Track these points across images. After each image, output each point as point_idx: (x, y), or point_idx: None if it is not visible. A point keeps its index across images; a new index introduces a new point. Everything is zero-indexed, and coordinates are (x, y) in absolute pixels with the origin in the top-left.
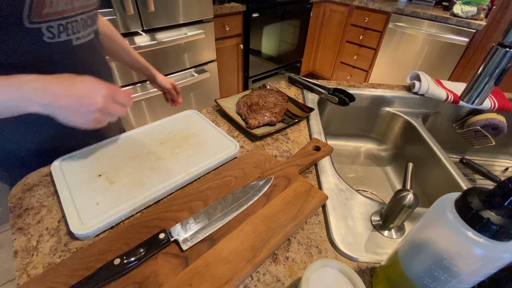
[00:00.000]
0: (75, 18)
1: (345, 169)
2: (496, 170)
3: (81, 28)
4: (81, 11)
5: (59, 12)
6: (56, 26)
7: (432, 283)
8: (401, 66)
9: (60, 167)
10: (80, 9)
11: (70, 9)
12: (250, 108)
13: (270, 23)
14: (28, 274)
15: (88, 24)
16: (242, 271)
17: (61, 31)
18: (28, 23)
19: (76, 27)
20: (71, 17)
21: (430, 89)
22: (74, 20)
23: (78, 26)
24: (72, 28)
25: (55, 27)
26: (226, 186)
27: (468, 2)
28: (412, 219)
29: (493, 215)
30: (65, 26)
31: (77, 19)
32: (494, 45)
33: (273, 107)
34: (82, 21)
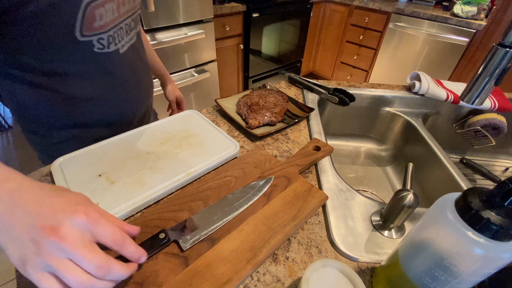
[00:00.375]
0: (120, 25)
1: (345, 169)
2: (496, 170)
3: (124, 35)
4: (126, 16)
5: (108, 23)
6: (106, 38)
7: (432, 283)
8: (401, 66)
9: (60, 167)
10: (125, 14)
11: (116, 17)
12: (250, 108)
13: (270, 23)
14: None
15: (132, 27)
16: (242, 271)
17: (110, 41)
18: (80, 36)
19: (120, 34)
20: (117, 25)
21: (430, 89)
22: (119, 27)
23: (122, 33)
24: (118, 37)
25: (105, 38)
26: (226, 186)
27: (468, 2)
28: (412, 219)
29: (493, 215)
30: (113, 36)
31: (122, 26)
32: (494, 45)
33: (273, 107)
34: (126, 26)
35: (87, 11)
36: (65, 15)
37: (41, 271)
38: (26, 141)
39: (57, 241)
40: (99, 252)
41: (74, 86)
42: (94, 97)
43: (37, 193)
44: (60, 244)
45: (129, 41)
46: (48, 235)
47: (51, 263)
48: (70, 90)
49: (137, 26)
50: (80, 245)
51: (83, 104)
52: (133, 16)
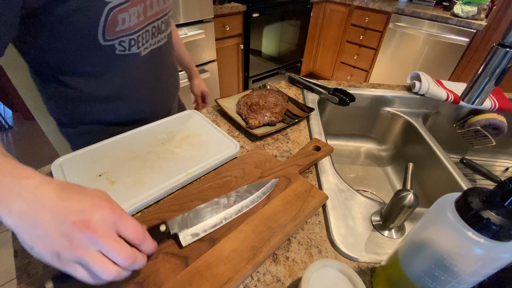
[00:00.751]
0: (146, 28)
1: (345, 169)
2: (496, 170)
3: (149, 37)
4: (154, 19)
5: (131, 27)
6: (128, 41)
7: (432, 283)
8: (401, 66)
9: (61, 166)
10: (153, 17)
11: (142, 20)
12: (250, 108)
13: (271, 23)
14: (28, 274)
15: (161, 29)
16: (242, 271)
17: (132, 45)
18: (103, 41)
19: (145, 37)
20: (142, 28)
21: (430, 89)
22: (145, 31)
23: (147, 36)
24: (142, 40)
25: (126, 41)
26: (226, 186)
27: (469, 2)
28: (412, 219)
29: (493, 215)
30: (136, 40)
31: (148, 28)
32: (495, 45)
33: (273, 107)
34: (154, 29)
35: (110, 16)
36: (89, 20)
37: (74, 263)
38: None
39: (90, 234)
40: (126, 245)
41: (96, 86)
42: (114, 96)
43: (58, 190)
44: (92, 237)
45: (155, 44)
46: (81, 230)
47: (83, 256)
48: (92, 89)
49: (167, 28)
50: (110, 238)
51: (105, 103)
52: (164, 18)
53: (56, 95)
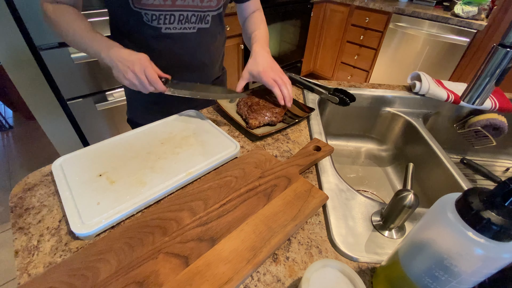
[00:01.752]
0: (171, 12)
1: (346, 169)
2: (496, 171)
3: (175, 21)
4: (184, 9)
5: (155, 5)
6: (150, 15)
7: (432, 283)
8: (401, 66)
9: (61, 166)
10: (183, 7)
11: (169, 4)
12: (250, 108)
13: (271, 23)
14: (29, 274)
15: (190, 20)
16: (242, 271)
17: (154, 19)
18: (133, 7)
19: (169, 19)
20: (168, 11)
21: (430, 89)
22: (171, 14)
23: (173, 19)
24: (164, 19)
25: (149, 14)
26: (226, 186)
27: (469, 2)
28: (412, 219)
29: (494, 215)
30: (158, 17)
31: (174, 14)
32: (495, 45)
33: (274, 107)
34: (182, 17)
35: None
36: None
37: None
38: None
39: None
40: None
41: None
42: None
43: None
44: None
45: (181, 29)
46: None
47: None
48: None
49: (200, 22)
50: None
51: None
52: (197, 13)
53: None
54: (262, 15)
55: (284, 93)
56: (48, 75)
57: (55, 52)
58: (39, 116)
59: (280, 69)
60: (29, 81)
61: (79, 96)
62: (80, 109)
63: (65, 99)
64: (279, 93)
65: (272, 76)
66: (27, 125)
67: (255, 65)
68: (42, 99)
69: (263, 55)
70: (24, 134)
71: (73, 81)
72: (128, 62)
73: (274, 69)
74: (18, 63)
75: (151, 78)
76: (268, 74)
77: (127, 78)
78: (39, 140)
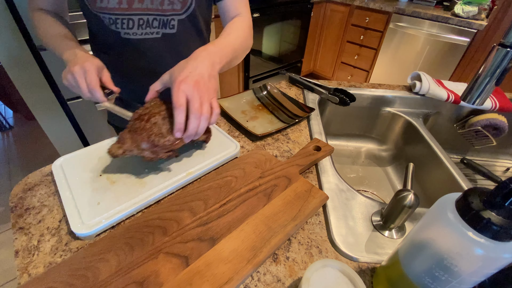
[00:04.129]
0: (129, 17)
1: (346, 169)
2: (497, 171)
3: (135, 26)
4: (144, 13)
5: (110, 8)
6: (107, 18)
7: (432, 283)
8: (402, 66)
9: (61, 166)
10: (141, 11)
11: (125, 8)
12: (137, 120)
13: (271, 23)
14: (29, 274)
15: (154, 25)
16: (242, 271)
17: (111, 23)
18: (94, 10)
19: (127, 23)
20: (125, 15)
21: (431, 89)
22: (129, 18)
23: (132, 24)
24: (122, 24)
25: (107, 18)
26: (226, 186)
27: (469, 2)
28: (412, 219)
29: (494, 215)
30: (115, 21)
31: (133, 18)
32: (495, 45)
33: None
34: (142, 21)
35: None
36: None
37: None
38: None
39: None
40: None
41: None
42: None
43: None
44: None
45: (142, 35)
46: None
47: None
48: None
49: (163, 27)
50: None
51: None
52: (160, 17)
53: None
54: (243, 23)
55: (189, 124)
56: (48, 75)
57: None
58: (39, 116)
59: (213, 90)
60: (29, 81)
61: (79, 96)
62: (80, 109)
63: (65, 99)
64: (179, 120)
65: (187, 91)
66: (27, 125)
67: (178, 68)
68: (42, 99)
69: (201, 60)
70: (24, 134)
71: None
72: (72, 63)
73: (200, 85)
74: (18, 63)
75: (90, 84)
76: (183, 87)
77: (65, 78)
78: (39, 140)
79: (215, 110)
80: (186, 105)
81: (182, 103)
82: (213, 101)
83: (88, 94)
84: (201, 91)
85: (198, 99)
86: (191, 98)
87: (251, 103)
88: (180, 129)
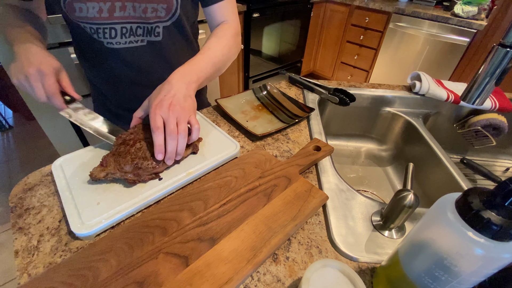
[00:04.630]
0: (111, 26)
1: (346, 169)
2: (496, 171)
3: (118, 35)
4: (126, 21)
5: (90, 18)
6: (89, 28)
7: (432, 283)
8: (401, 66)
9: (61, 166)
10: (123, 19)
11: (106, 17)
12: (122, 145)
13: (271, 23)
14: (29, 274)
15: (138, 33)
16: (242, 271)
17: (93, 32)
18: (73, 20)
19: (110, 33)
20: (106, 24)
21: (430, 89)
22: (111, 28)
23: (114, 33)
24: (103, 33)
25: (87, 28)
26: (226, 186)
27: (469, 2)
28: (412, 219)
29: (494, 215)
30: (96, 30)
31: (116, 27)
32: (495, 45)
33: (149, 159)
34: (125, 30)
35: (67, 2)
36: None
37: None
38: None
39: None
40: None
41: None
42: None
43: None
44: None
45: (127, 44)
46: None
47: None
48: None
49: (148, 35)
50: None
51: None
52: (143, 25)
53: None
54: (227, 32)
55: (167, 146)
56: None
57: (54, 52)
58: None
59: (189, 109)
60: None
61: None
62: None
63: None
64: (158, 142)
65: (163, 114)
66: (27, 125)
67: (154, 93)
68: None
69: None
70: (24, 134)
71: (73, 81)
72: (26, 62)
73: (175, 106)
74: None
75: (48, 90)
76: (158, 110)
77: (17, 77)
78: (39, 140)
79: (195, 126)
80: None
81: (159, 125)
82: (191, 119)
83: (45, 100)
84: (176, 112)
85: (173, 120)
86: (166, 120)
87: (251, 103)
88: (160, 150)
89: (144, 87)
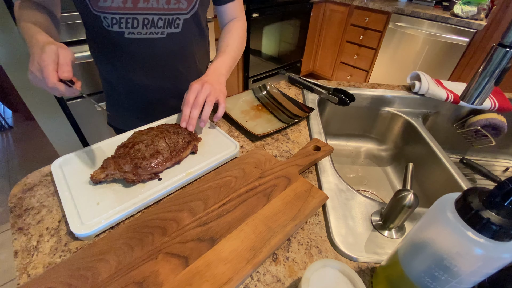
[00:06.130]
0: (134, 16)
1: (345, 169)
2: (496, 170)
3: (139, 26)
4: (149, 12)
5: (114, 7)
6: (110, 18)
7: (432, 283)
8: (401, 66)
9: (61, 167)
10: (146, 10)
11: (130, 7)
12: (124, 147)
13: (270, 23)
14: (28, 274)
15: (159, 25)
16: (242, 271)
17: (114, 23)
18: (93, 11)
19: (132, 24)
20: (129, 14)
21: (430, 89)
22: (133, 18)
23: (136, 23)
24: (126, 23)
25: (109, 18)
26: (226, 186)
27: (468, 2)
28: (412, 219)
29: (493, 215)
30: (118, 20)
31: (137, 17)
32: (494, 45)
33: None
34: (146, 21)
35: None
36: None
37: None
38: None
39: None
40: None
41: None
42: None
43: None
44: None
45: (147, 34)
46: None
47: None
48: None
49: (168, 27)
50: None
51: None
52: (165, 16)
53: None
54: (241, 27)
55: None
56: None
57: None
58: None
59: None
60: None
61: (78, 96)
62: (80, 109)
63: (65, 99)
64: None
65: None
66: (27, 125)
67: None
68: (42, 99)
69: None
70: (24, 134)
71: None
72: (31, 58)
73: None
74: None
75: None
76: (194, 86)
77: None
78: (39, 140)
79: (222, 104)
80: None
81: (189, 101)
82: (220, 98)
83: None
84: (208, 89)
85: (204, 95)
86: (198, 94)
87: (251, 103)
88: (184, 119)
89: (159, 79)
